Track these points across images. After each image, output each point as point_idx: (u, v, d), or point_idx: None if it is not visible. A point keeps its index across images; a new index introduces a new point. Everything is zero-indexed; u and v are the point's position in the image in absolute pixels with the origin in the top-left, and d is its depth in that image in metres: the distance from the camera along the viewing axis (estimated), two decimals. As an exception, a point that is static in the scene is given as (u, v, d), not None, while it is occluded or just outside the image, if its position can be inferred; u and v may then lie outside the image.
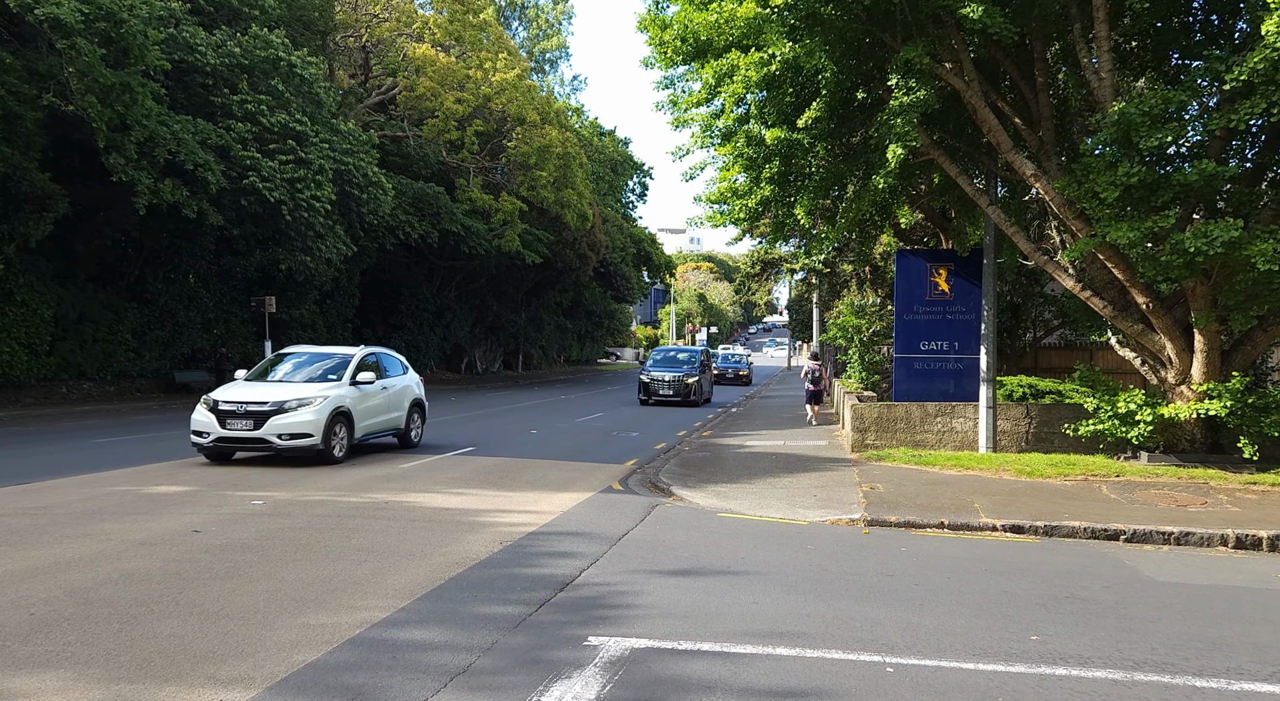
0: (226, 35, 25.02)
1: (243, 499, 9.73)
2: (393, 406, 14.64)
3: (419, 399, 15.65)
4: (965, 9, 9.54)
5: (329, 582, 6.44)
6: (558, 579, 6.86)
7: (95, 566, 6.58)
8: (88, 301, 24.81)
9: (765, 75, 10.95)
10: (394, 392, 14.75)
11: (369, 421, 13.87)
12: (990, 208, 12.29)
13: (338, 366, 13.86)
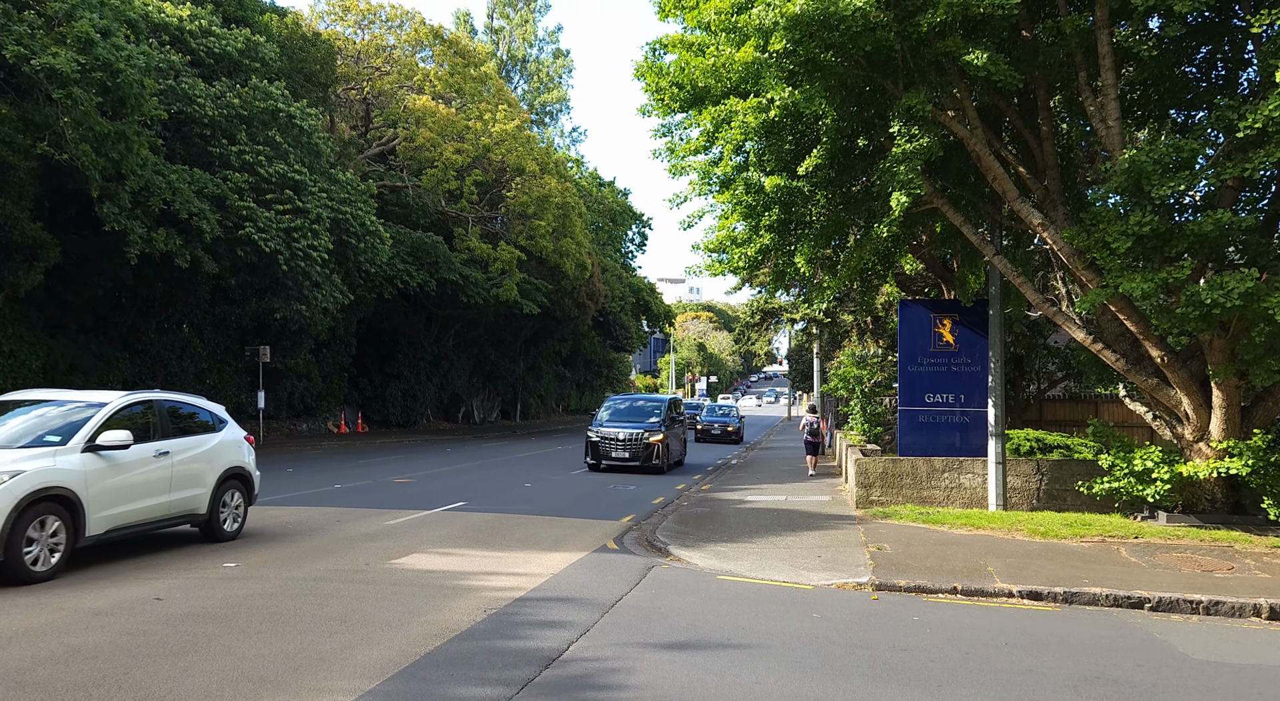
0: (226, 87, 25.11)
1: (213, 562, 9.20)
2: (184, 482, 9.99)
3: (240, 467, 11.15)
4: (969, 56, 9.36)
5: (292, 659, 5.91)
6: (543, 654, 6.33)
7: (38, 641, 6.05)
8: (79, 352, 24.44)
9: (764, 122, 10.75)
10: (187, 460, 10.09)
11: (125, 507, 9.08)
12: (996, 257, 11.99)
13: (73, 424, 8.90)
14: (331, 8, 38.52)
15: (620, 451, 21.19)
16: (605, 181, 57.31)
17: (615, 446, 21.28)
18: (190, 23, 25.72)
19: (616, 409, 23.07)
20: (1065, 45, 10.33)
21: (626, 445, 21.25)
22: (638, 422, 21.92)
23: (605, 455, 21.28)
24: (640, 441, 21.22)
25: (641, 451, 21.14)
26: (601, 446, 21.42)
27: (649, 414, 22.50)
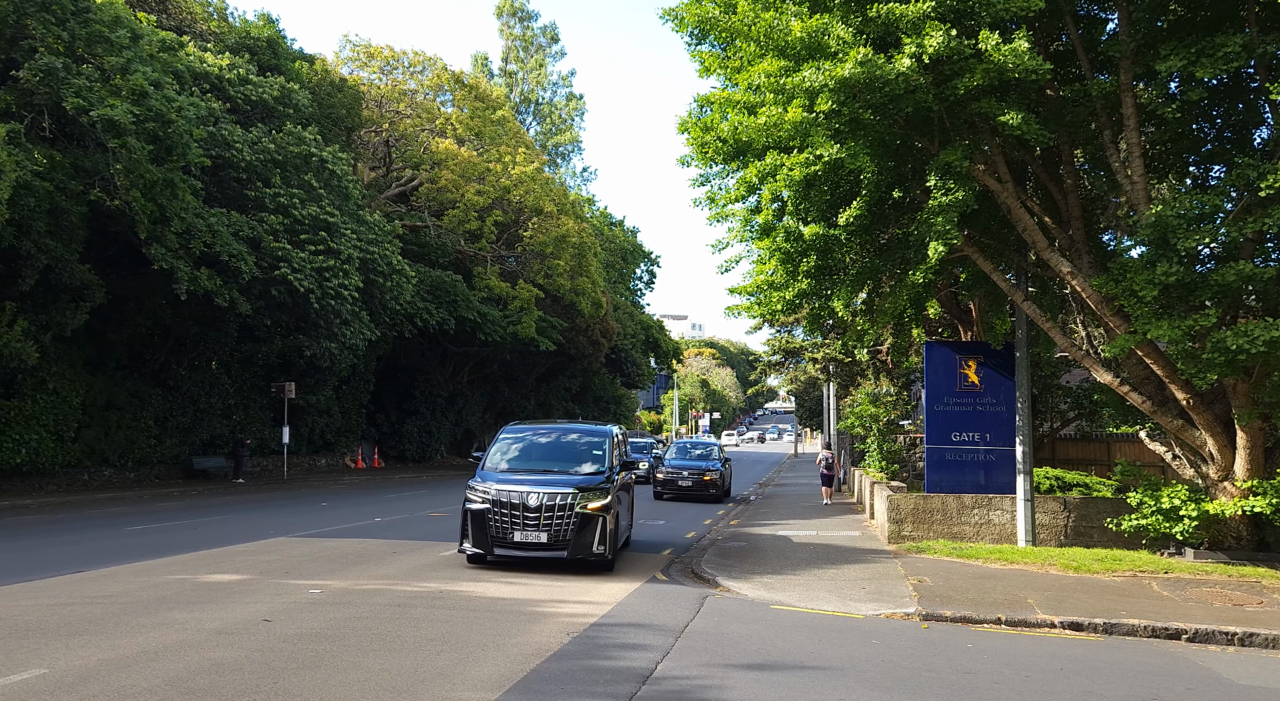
0: (262, 132, 26.04)
1: (299, 587, 9.70)
2: None
3: None
4: (1005, 116, 10.11)
5: (414, 673, 6.43)
6: (636, 672, 6.85)
7: (183, 656, 6.57)
8: (115, 388, 25.02)
9: (807, 175, 11.48)
10: None
11: None
12: (1025, 302, 12.66)
13: None
14: (355, 54, 39.77)
15: (529, 530, 11.23)
16: (616, 220, 58.40)
17: (517, 520, 11.25)
18: (229, 71, 26.75)
19: (519, 444, 12.79)
20: (1090, 105, 11.11)
21: (542, 519, 11.23)
22: (559, 475, 11.89)
23: (499, 536, 11.31)
24: (565, 514, 11.23)
25: (565, 531, 11.23)
26: (493, 518, 11.33)
27: (579, 456, 12.55)
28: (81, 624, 7.56)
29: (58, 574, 10.20)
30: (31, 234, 19.54)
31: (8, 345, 19.29)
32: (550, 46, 62.39)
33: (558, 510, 11.37)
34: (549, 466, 12.35)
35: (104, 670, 6.16)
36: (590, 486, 11.69)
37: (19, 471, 22.10)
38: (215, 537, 14.07)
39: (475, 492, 11.71)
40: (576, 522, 11.32)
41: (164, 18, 27.40)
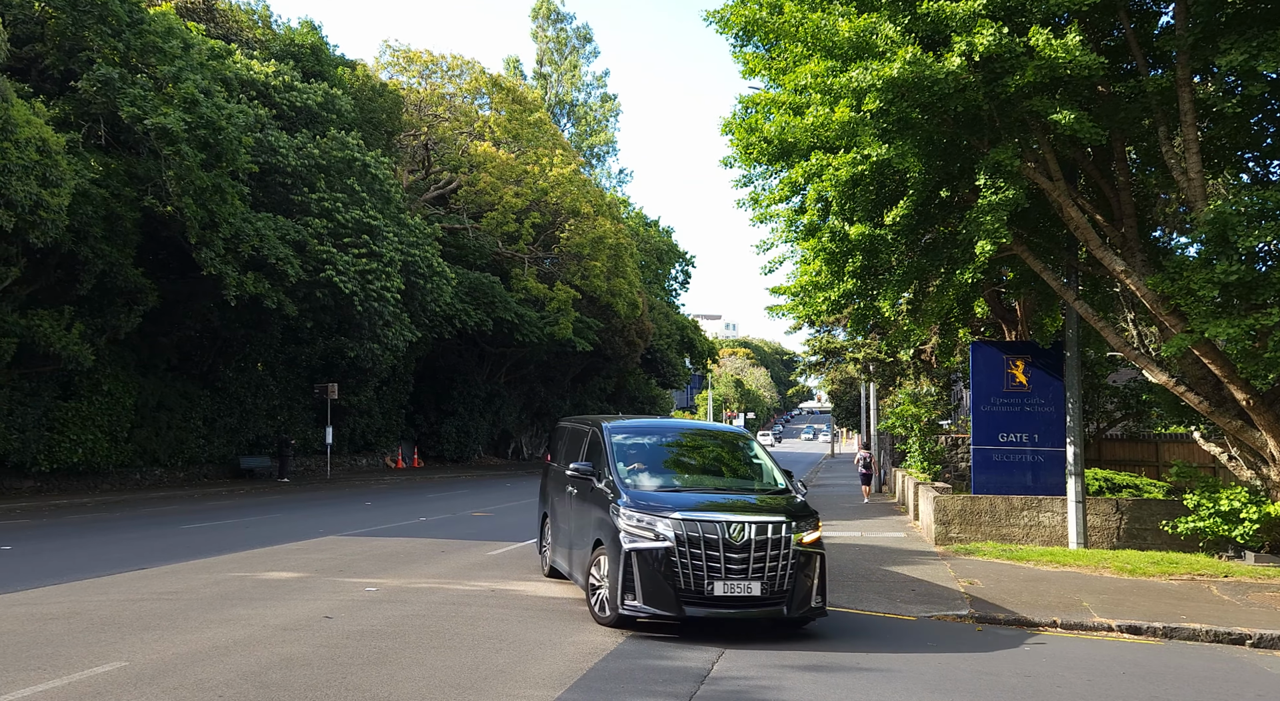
0: (307, 138, 26.50)
1: (355, 585, 9.89)
2: None
3: None
4: (1056, 115, 9.99)
5: (476, 670, 6.54)
6: (693, 671, 6.89)
7: (254, 651, 6.75)
8: (166, 390, 25.63)
9: (853, 175, 11.43)
10: None
11: None
12: (1076, 302, 12.49)
13: None
14: (395, 59, 40.32)
15: (734, 580, 7.92)
16: (651, 221, 58.48)
17: (717, 564, 7.90)
18: (274, 78, 27.26)
19: (648, 450, 9.44)
20: (1145, 101, 10.93)
21: (752, 562, 7.97)
22: (743, 494, 8.95)
23: (693, 588, 7.88)
24: (780, 553, 8.07)
25: (782, 577, 8.04)
26: (682, 562, 7.90)
27: (740, 467, 9.66)
28: (152, 619, 7.79)
29: (123, 570, 10.51)
30: (89, 240, 20.09)
31: (66, 347, 19.85)
32: (584, 47, 62.66)
33: (770, 547, 7.96)
34: (718, 483, 9.17)
35: (180, 663, 6.35)
36: (796, 511, 8.37)
37: (75, 471, 22.74)
38: (267, 536, 14.37)
39: (635, 522, 7.98)
40: (794, 564, 8.00)
41: (212, 26, 28.00)
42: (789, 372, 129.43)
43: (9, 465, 21.28)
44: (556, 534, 10.63)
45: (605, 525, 8.38)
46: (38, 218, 17.01)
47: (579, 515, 9.43)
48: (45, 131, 17.40)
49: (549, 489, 11.34)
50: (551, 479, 11.29)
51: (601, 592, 8.34)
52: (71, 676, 5.93)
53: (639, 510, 8.13)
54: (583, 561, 8.97)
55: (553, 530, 10.86)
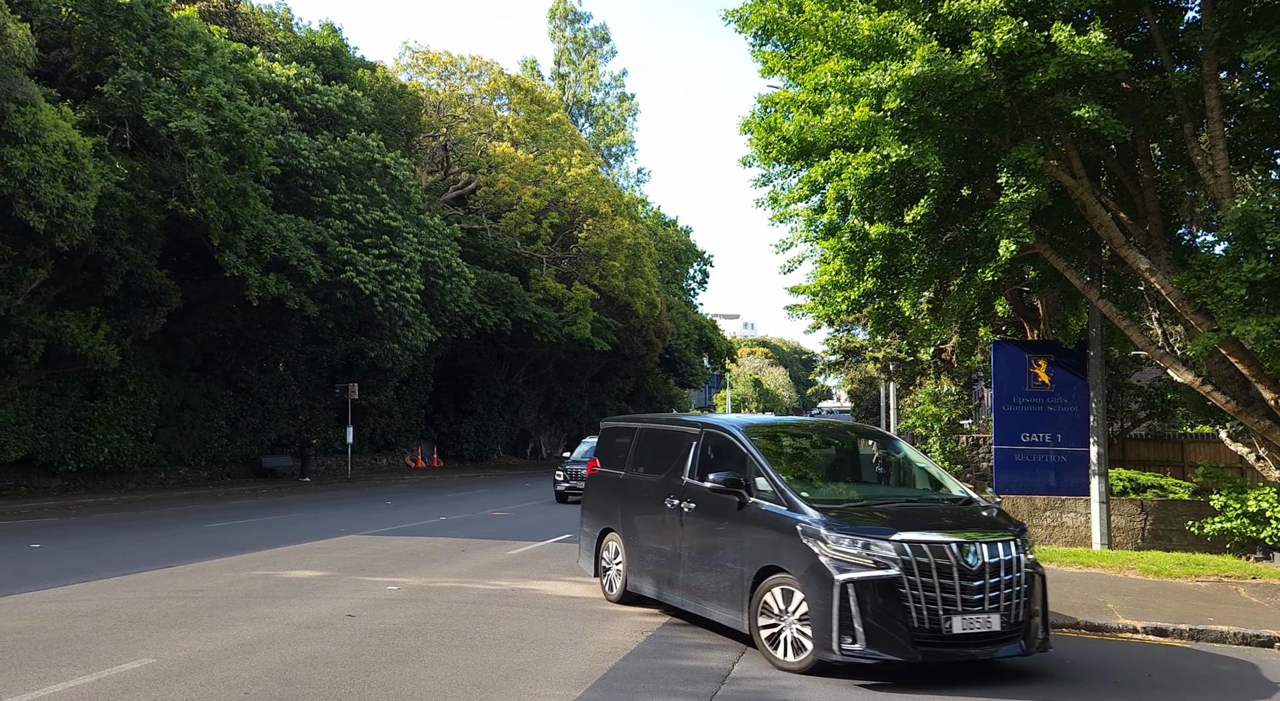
0: (327, 139, 26.73)
1: (377, 584, 9.97)
2: None
3: None
4: (1079, 111, 9.90)
5: (498, 669, 6.58)
6: (713, 672, 6.89)
7: (278, 648, 6.83)
8: (190, 390, 25.94)
9: (873, 174, 11.37)
10: None
11: None
12: (1100, 301, 12.36)
13: None
14: (415, 61, 40.56)
15: (972, 614, 6.61)
16: (669, 220, 58.47)
17: (952, 596, 6.59)
18: (296, 81, 27.52)
19: (802, 453, 8.57)
20: (1170, 97, 10.80)
21: (988, 590, 6.70)
22: (943, 506, 7.68)
23: (927, 627, 6.51)
24: (1014, 577, 6.83)
25: (1017, 607, 6.83)
26: (913, 593, 6.52)
27: (905, 473, 8.84)
28: (178, 616, 7.90)
29: (149, 569, 10.66)
30: (115, 242, 20.38)
31: (93, 348, 20.15)
32: (601, 47, 62.76)
33: (1004, 571, 6.78)
34: (904, 494, 8.30)
35: (206, 661, 6.43)
36: (1011, 525, 7.24)
37: (102, 470, 23.06)
38: (290, 535, 14.51)
39: (845, 547, 6.65)
40: (1026, 590, 6.90)
41: (234, 30, 28.30)
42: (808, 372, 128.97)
43: (37, 464, 21.63)
44: (641, 555, 8.85)
45: (785, 549, 6.97)
46: (65, 220, 17.27)
47: (710, 535, 7.85)
48: (72, 135, 17.66)
49: (613, 502, 9.45)
50: (616, 491, 9.50)
51: (785, 632, 6.94)
52: (101, 672, 6.03)
53: (846, 531, 6.71)
54: (728, 592, 7.52)
55: (630, 550, 9.01)
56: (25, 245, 18.83)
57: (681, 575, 8.22)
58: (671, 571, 8.38)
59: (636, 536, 8.98)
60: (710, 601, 7.81)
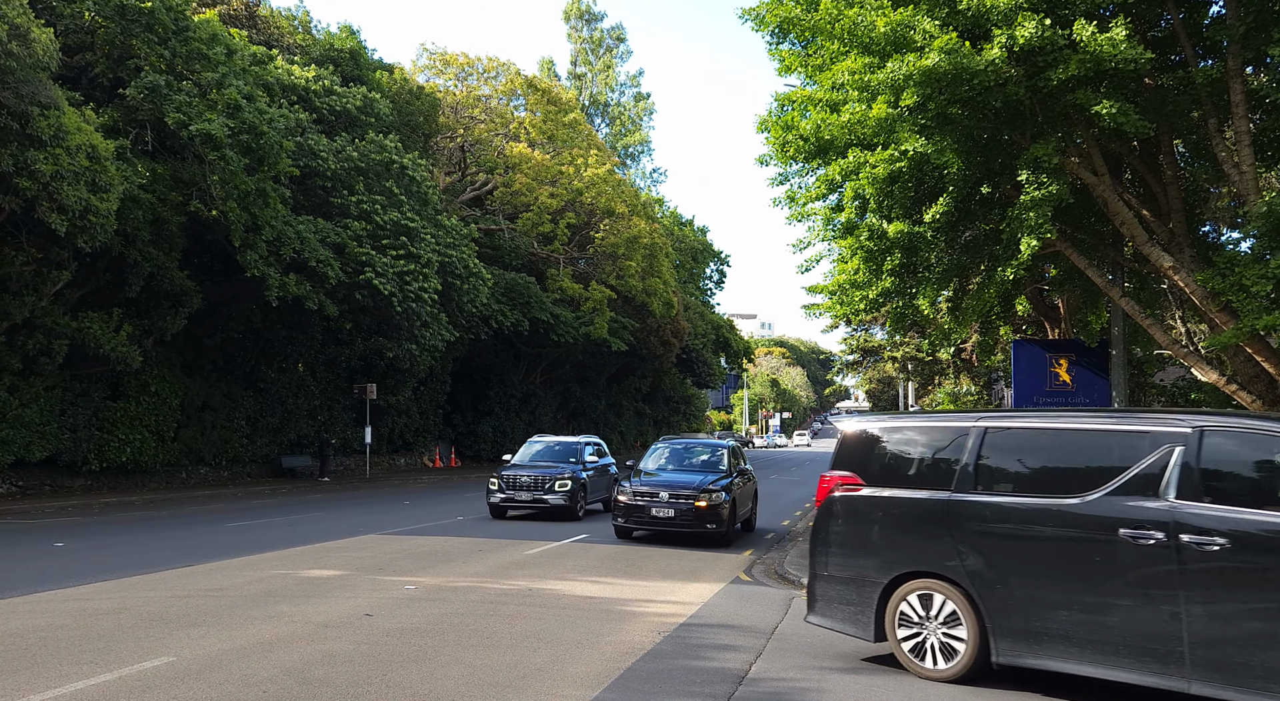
0: (346, 141, 26.90)
1: (394, 584, 10.00)
2: None
3: None
4: (1100, 106, 9.77)
5: (514, 669, 6.57)
6: (731, 672, 6.85)
7: (296, 647, 6.86)
8: (210, 390, 26.18)
9: (891, 172, 11.29)
10: None
11: None
12: (1122, 299, 12.21)
13: None
14: (432, 62, 40.75)
15: None
16: (686, 220, 58.42)
17: None
18: (314, 83, 27.70)
19: None
20: (1194, 93, 10.64)
21: None
22: None
23: None
24: None
25: None
26: None
27: None
28: (198, 615, 7.96)
29: (170, 567, 10.75)
30: (137, 243, 20.60)
31: (115, 349, 20.37)
32: (617, 47, 62.81)
33: None
34: None
35: (225, 659, 6.47)
36: None
37: (124, 469, 23.31)
38: (309, 534, 14.60)
39: None
40: None
41: (254, 33, 28.53)
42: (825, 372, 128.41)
43: (61, 464, 21.90)
44: (1039, 613, 6.20)
45: None
46: (87, 222, 17.46)
47: None
48: (95, 138, 17.86)
49: (930, 537, 6.76)
50: (933, 519, 6.79)
51: None
52: (122, 671, 6.08)
53: None
54: None
55: (999, 605, 6.37)
56: (49, 248, 19.06)
57: (1200, 653, 5.59)
58: (1159, 644, 5.73)
59: (1020, 587, 6.34)
60: None
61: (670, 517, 14.21)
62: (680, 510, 14.16)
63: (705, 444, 17.49)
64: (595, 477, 19.03)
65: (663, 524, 14.32)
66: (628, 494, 14.57)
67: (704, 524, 14.10)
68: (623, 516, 14.60)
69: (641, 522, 14.46)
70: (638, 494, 14.46)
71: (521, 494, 17.43)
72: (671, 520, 14.22)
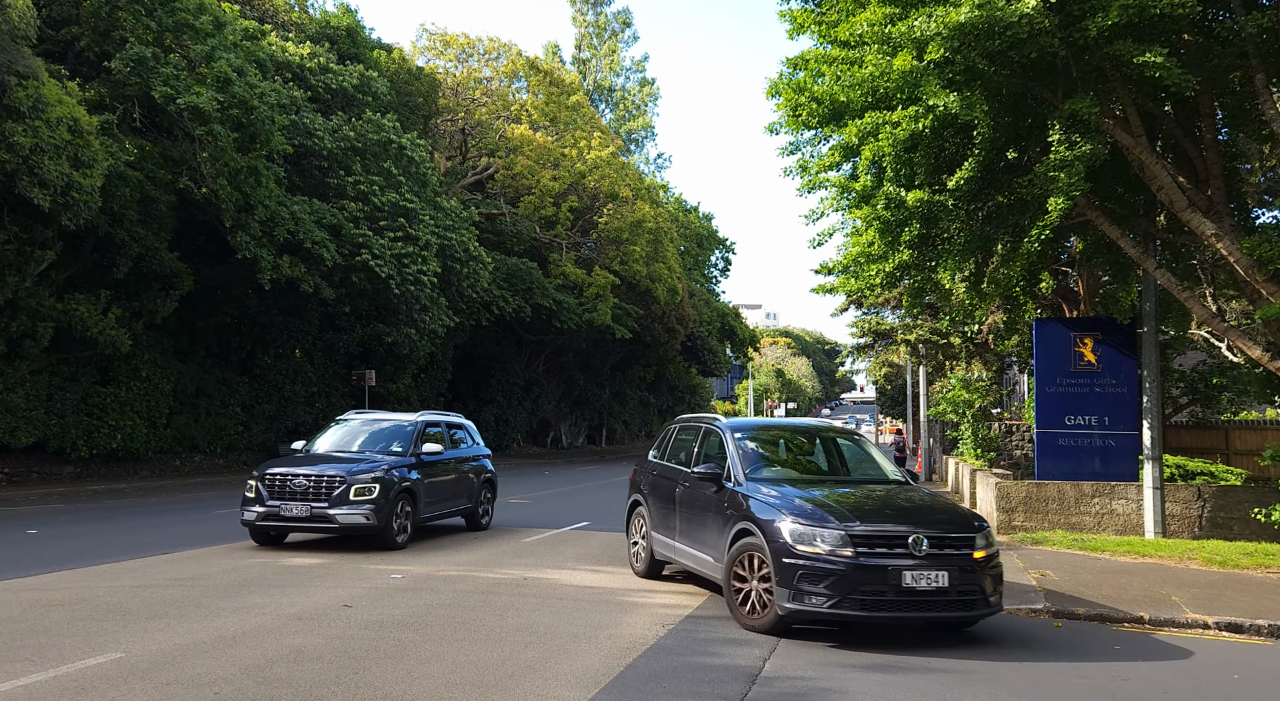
0: (342, 120, 26.14)
1: (380, 572, 9.34)
2: None
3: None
4: (1144, 57, 9.02)
5: (502, 666, 5.90)
6: (743, 671, 6.18)
7: (261, 642, 6.19)
8: (204, 376, 25.53)
9: (912, 133, 10.56)
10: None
11: None
12: (1158, 271, 11.46)
13: None
14: (432, 43, 39.88)
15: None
16: (691, 207, 57.57)
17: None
18: (310, 61, 26.94)
19: None
20: (1241, 46, 9.89)
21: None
22: None
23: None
24: None
25: None
26: None
27: None
28: (161, 606, 7.30)
29: (143, 555, 10.10)
30: (124, 223, 19.92)
31: (103, 332, 19.72)
32: (623, 32, 61.84)
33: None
34: None
35: (180, 655, 5.80)
36: None
37: (115, 457, 22.69)
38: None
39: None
40: None
41: (248, 9, 27.76)
42: (830, 362, 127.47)
43: (49, 451, 21.28)
44: None
45: None
46: (70, 199, 16.77)
47: None
48: (77, 111, 17.16)
49: None
50: None
51: None
52: (60, 669, 5.41)
53: None
54: None
55: None
56: (32, 226, 18.39)
57: None
58: None
59: None
60: None
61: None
62: None
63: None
64: (442, 480, 12.44)
65: None
66: None
67: None
68: None
69: None
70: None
71: (294, 505, 10.63)
72: None
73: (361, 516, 10.66)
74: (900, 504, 7.67)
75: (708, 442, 9.03)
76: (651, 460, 10.19)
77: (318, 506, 10.59)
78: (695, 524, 8.51)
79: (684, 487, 8.90)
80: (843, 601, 6.75)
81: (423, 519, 11.92)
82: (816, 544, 6.89)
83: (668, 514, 9.20)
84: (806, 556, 6.87)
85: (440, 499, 12.36)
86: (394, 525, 11.06)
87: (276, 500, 10.69)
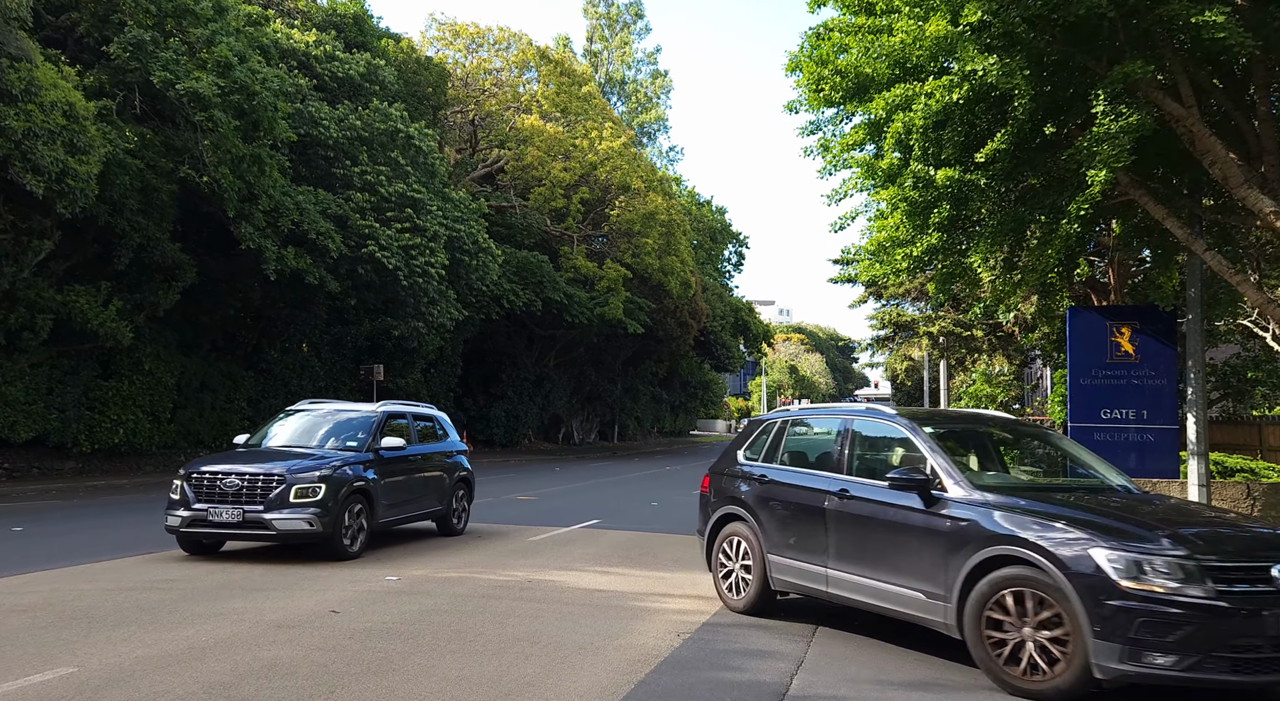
0: (349, 109, 25.62)
1: (374, 574, 8.75)
2: None
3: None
4: (1206, 16, 8.29)
5: (497, 683, 5.28)
6: (769, 688, 5.54)
7: (233, 654, 5.59)
8: (209, 370, 25.09)
9: (945, 105, 9.85)
10: None
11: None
12: (1207, 253, 10.70)
13: None
14: (442, 33, 39.35)
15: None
16: (704, 200, 56.85)
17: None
18: (315, 48, 26.43)
19: None
20: (1303, 8, 9.15)
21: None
22: None
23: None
24: None
25: None
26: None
27: None
28: (132, 612, 6.72)
29: (126, 555, 9.56)
30: (125, 212, 19.44)
31: (104, 324, 19.26)
32: (635, 23, 61.16)
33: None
34: None
35: (139, 670, 5.21)
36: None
37: (117, 451, 22.27)
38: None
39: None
40: None
41: (252, -3, 27.25)
42: (844, 358, 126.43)
43: (49, 445, 20.86)
44: None
45: None
46: (66, 186, 16.27)
47: None
48: (73, 95, 16.66)
49: None
50: None
51: None
52: (1, 686, 4.82)
53: None
54: None
55: None
56: (29, 215, 17.92)
57: None
58: None
59: None
60: None
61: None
62: None
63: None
64: (406, 478, 11.00)
65: None
66: None
67: None
68: None
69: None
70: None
71: (224, 509, 9.14)
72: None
73: (304, 522, 9.06)
74: (1199, 520, 5.99)
75: (858, 442, 7.17)
76: (745, 464, 8.11)
77: (251, 510, 9.01)
78: (874, 547, 6.59)
79: (841, 500, 6.85)
80: (1205, 660, 4.90)
81: (381, 523, 10.33)
82: (1153, 579, 5.01)
83: (805, 533, 7.18)
84: (1143, 597, 4.97)
85: (403, 500, 10.81)
86: (343, 532, 9.45)
87: (204, 503, 9.13)
